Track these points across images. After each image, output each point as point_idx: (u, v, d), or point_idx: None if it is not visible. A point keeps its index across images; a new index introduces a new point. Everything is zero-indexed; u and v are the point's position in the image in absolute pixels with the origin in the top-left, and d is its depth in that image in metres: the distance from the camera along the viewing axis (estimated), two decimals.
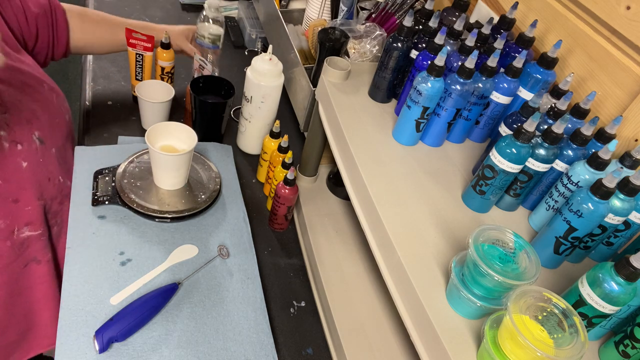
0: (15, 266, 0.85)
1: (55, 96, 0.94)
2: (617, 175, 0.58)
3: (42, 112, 0.88)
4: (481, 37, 0.83)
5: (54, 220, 0.91)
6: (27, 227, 0.85)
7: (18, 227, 0.84)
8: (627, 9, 0.72)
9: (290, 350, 0.87)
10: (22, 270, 0.86)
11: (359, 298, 0.91)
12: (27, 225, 0.85)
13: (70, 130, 0.99)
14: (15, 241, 0.84)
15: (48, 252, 0.90)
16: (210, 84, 1.12)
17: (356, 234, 1.03)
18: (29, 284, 0.88)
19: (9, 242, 0.83)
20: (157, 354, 0.75)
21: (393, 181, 0.75)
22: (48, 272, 0.90)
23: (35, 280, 0.88)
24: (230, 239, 0.93)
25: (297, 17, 1.37)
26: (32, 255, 0.87)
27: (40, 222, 0.87)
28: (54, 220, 0.92)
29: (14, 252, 0.84)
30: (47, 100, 0.91)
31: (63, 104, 0.96)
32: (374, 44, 1.10)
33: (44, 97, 0.90)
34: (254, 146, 1.18)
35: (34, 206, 0.86)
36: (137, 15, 1.53)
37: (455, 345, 0.57)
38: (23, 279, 0.87)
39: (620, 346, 0.59)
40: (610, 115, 0.75)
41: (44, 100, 0.90)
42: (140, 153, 1.00)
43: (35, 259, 0.88)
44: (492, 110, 0.82)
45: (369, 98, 0.91)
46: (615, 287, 0.54)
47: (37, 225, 0.87)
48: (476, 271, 0.57)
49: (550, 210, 0.71)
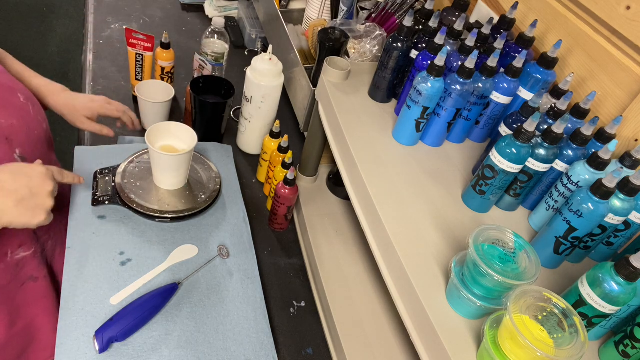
0: (12, 287, 0.83)
1: (32, 106, 0.86)
2: (617, 175, 0.58)
3: (20, 127, 0.81)
4: (481, 37, 0.83)
5: (46, 235, 0.90)
6: (21, 249, 0.83)
7: (11, 250, 0.82)
8: (627, 9, 0.72)
9: (290, 350, 0.87)
10: (20, 289, 0.85)
11: (359, 298, 0.91)
12: (21, 247, 0.83)
13: (49, 139, 0.92)
14: (9, 263, 0.82)
15: (44, 268, 0.88)
16: (210, 84, 1.12)
17: (356, 234, 1.03)
18: (27, 301, 0.86)
19: (3, 264, 0.81)
20: (157, 354, 0.75)
21: (393, 181, 0.75)
22: (46, 288, 0.89)
23: (33, 297, 0.87)
24: (230, 239, 0.93)
25: (297, 17, 1.37)
26: (28, 274, 0.85)
27: (32, 241, 0.85)
28: (47, 236, 0.90)
29: (9, 273, 0.82)
30: (24, 111, 0.83)
31: (40, 113, 0.88)
32: (374, 44, 1.10)
33: (20, 110, 0.82)
34: (254, 146, 1.18)
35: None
36: (137, 15, 1.53)
37: (455, 345, 0.57)
38: (21, 298, 0.85)
39: (620, 346, 0.59)
40: (610, 115, 0.75)
41: (21, 113, 0.82)
42: (140, 153, 1.00)
43: (32, 277, 0.86)
44: (492, 110, 0.82)
45: (369, 98, 0.91)
46: (615, 287, 0.54)
47: (29, 244, 0.85)
48: (476, 271, 0.57)
49: (550, 210, 0.71)
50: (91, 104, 1.00)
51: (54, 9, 3.10)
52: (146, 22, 1.52)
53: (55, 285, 0.92)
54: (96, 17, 1.47)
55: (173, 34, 1.49)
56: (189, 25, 1.56)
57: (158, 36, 1.15)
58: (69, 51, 2.80)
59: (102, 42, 1.39)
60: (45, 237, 0.90)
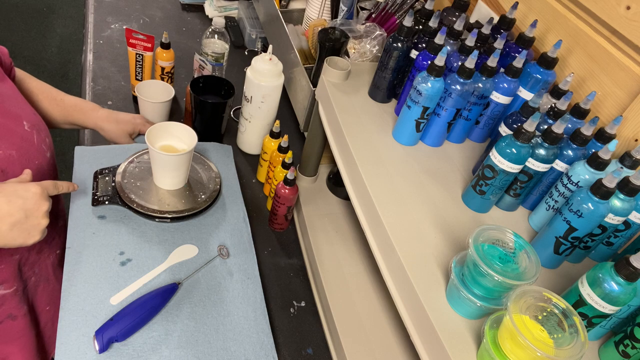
0: None
1: (37, 134, 0.82)
2: (617, 175, 0.58)
3: (19, 158, 0.78)
4: (481, 37, 0.83)
5: (30, 271, 0.88)
6: (2, 286, 0.82)
7: None
8: (627, 9, 0.72)
9: (290, 350, 0.87)
10: None
11: (359, 298, 0.91)
12: (1, 285, 0.82)
13: (51, 168, 0.88)
14: None
15: (24, 306, 0.87)
16: (210, 84, 1.12)
17: (356, 234, 1.03)
18: (4, 339, 0.85)
19: None
20: (157, 354, 0.75)
21: (393, 181, 0.75)
22: (24, 326, 0.88)
23: (12, 336, 0.86)
24: (230, 239, 0.93)
25: (297, 17, 1.37)
26: (6, 312, 0.84)
27: (14, 279, 0.84)
28: (31, 272, 0.88)
29: None
30: (26, 141, 0.79)
31: (44, 140, 0.84)
32: (374, 44, 1.10)
33: (22, 139, 0.79)
34: (254, 146, 1.18)
35: (7, 264, 0.81)
36: (137, 15, 1.53)
37: (455, 345, 0.57)
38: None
39: (620, 346, 0.59)
40: (610, 115, 0.75)
41: (22, 143, 0.79)
42: (140, 153, 1.00)
43: (11, 316, 0.85)
44: (492, 110, 0.82)
45: (369, 98, 0.91)
46: (615, 287, 0.54)
47: (10, 282, 0.83)
48: (476, 271, 0.57)
49: (550, 210, 0.71)
50: (134, 120, 1.02)
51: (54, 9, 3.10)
52: (146, 22, 1.52)
53: (34, 322, 0.90)
54: (96, 17, 1.47)
55: (173, 34, 1.49)
56: (189, 25, 1.56)
57: (158, 36, 1.15)
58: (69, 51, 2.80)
59: (102, 42, 1.39)
60: (29, 273, 0.88)
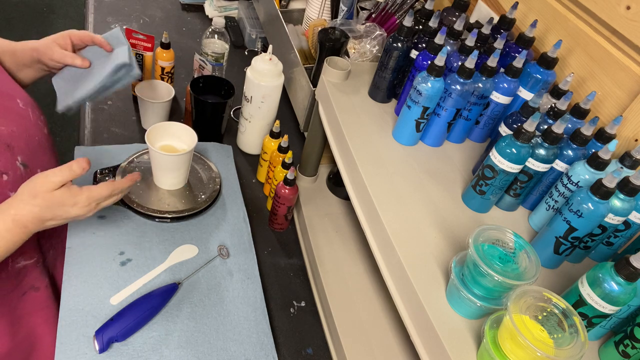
0: (14, 296, 0.83)
1: (31, 110, 0.84)
2: (617, 175, 0.58)
3: (21, 133, 0.79)
4: (481, 37, 0.83)
5: (48, 244, 0.89)
6: (22, 257, 0.83)
7: (12, 259, 0.81)
8: (627, 9, 0.72)
9: (290, 350, 0.87)
10: (21, 298, 0.84)
11: (359, 298, 0.91)
12: (21, 255, 0.83)
13: (50, 144, 0.90)
14: (10, 272, 0.81)
15: (45, 278, 0.88)
16: (210, 84, 1.12)
17: (356, 234, 1.03)
18: (28, 311, 0.86)
19: (4, 273, 0.80)
20: (157, 354, 0.75)
21: (393, 181, 0.75)
22: (47, 298, 0.89)
23: (34, 307, 0.87)
24: (230, 239, 0.93)
25: (297, 17, 1.37)
26: (29, 283, 0.85)
27: (34, 250, 0.85)
28: (49, 244, 0.89)
29: (10, 282, 0.82)
30: (24, 118, 0.81)
31: (40, 117, 0.86)
32: (374, 44, 1.10)
33: (19, 116, 0.81)
34: (254, 146, 1.18)
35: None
36: (137, 15, 1.53)
37: (455, 345, 0.57)
38: (22, 307, 0.85)
39: (620, 346, 0.59)
40: (610, 115, 0.75)
41: (20, 119, 0.80)
42: (140, 153, 1.00)
43: (33, 287, 0.86)
44: (492, 110, 0.82)
45: (369, 98, 0.91)
46: (615, 287, 0.54)
47: (31, 253, 0.84)
48: (476, 271, 0.57)
49: (550, 210, 0.71)
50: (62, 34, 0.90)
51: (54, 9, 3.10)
52: (146, 22, 1.52)
53: (56, 295, 0.91)
54: (96, 17, 1.47)
55: (173, 34, 1.49)
56: (189, 25, 1.56)
57: (158, 36, 1.15)
58: None
59: None
60: (47, 246, 0.89)
